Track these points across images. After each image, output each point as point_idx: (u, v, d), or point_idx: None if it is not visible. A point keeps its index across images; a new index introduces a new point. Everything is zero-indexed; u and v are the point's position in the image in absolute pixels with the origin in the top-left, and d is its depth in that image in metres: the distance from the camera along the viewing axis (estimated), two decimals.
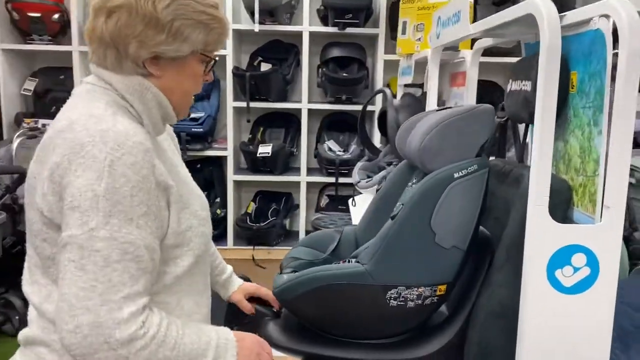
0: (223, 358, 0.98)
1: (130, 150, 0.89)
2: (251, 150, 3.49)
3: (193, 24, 0.97)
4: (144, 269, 0.90)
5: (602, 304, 0.90)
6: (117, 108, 0.97)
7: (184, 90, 1.03)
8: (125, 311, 0.86)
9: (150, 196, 0.91)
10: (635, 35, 0.82)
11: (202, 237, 1.04)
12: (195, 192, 1.10)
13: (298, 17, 3.51)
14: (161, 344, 0.89)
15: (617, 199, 0.87)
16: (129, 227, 0.88)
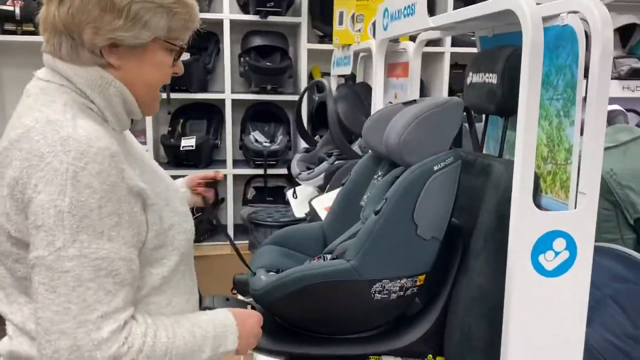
0: (224, 346, 0.96)
1: (95, 158, 0.82)
2: (173, 143, 3.35)
3: (153, 7, 0.90)
4: (121, 282, 0.85)
5: (579, 284, 0.96)
6: (77, 109, 0.89)
7: (147, 82, 0.96)
8: (104, 330, 0.81)
9: (122, 204, 0.85)
10: (607, 30, 0.88)
11: (185, 233, 1.00)
12: (172, 186, 1.05)
13: (217, 5, 3.40)
14: (150, 354, 0.86)
15: (591, 185, 0.93)
16: (99, 242, 0.83)
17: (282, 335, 1.12)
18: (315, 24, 3.47)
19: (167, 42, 0.94)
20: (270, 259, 1.22)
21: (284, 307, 1.08)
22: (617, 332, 1.15)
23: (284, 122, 3.63)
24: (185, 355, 0.90)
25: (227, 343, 0.96)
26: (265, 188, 3.48)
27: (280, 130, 3.59)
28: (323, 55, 3.45)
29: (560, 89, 1.00)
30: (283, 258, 1.24)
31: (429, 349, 1.12)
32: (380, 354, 1.10)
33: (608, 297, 1.19)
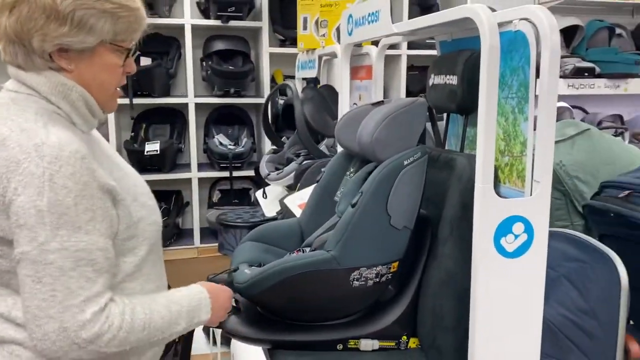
0: (197, 318, 1.07)
1: (68, 161, 0.91)
2: (136, 148, 3.35)
3: (97, 13, 0.97)
4: (100, 270, 0.95)
5: (537, 264, 1.07)
6: (47, 117, 0.97)
7: (99, 84, 1.03)
8: (87, 312, 0.92)
9: (94, 200, 0.95)
10: (555, 34, 0.99)
11: (153, 225, 1.09)
12: (139, 182, 1.13)
13: (178, 10, 3.42)
14: (130, 329, 0.96)
15: (544, 174, 1.03)
16: (78, 235, 0.92)
17: (266, 324, 1.18)
18: (276, 28, 3.53)
19: (114, 45, 1.01)
20: (251, 254, 1.29)
21: (268, 298, 1.14)
22: (571, 308, 1.26)
23: (248, 124, 3.68)
24: (163, 328, 1.01)
25: (200, 315, 1.08)
26: (231, 190, 3.51)
27: (244, 132, 3.64)
28: (284, 59, 3.53)
29: (515, 88, 1.10)
30: (263, 253, 1.30)
31: (403, 331, 1.21)
32: (358, 337, 1.18)
33: (562, 276, 1.31)
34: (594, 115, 4.57)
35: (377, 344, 1.19)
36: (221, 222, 2.61)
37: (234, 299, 1.23)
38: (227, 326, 1.17)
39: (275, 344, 1.16)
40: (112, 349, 0.94)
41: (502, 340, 1.08)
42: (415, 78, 3.81)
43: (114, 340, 0.94)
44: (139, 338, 0.97)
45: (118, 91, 1.09)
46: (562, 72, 4.28)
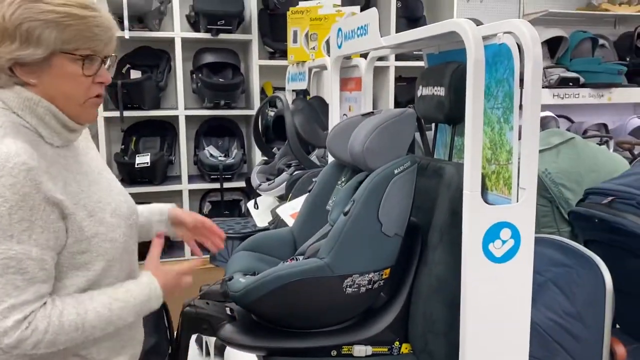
0: (148, 308, 1.11)
1: (10, 172, 0.93)
2: (127, 161, 3.36)
3: (42, 24, 0.98)
4: (31, 279, 0.96)
5: (524, 268, 1.10)
6: (11, 129, 0.99)
7: (63, 95, 1.04)
8: (10, 320, 0.94)
9: (34, 212, 0.96)
10: (537, 46, 1.03)
11: (111, 242, 1.08)
12: (107, 199, 1.11)
13: (167, 23, 3.45)
14: (58, 331, 0.98)
15: (530, 181, 1.07)
16: (8, 244, 0.94)
17: (261, 332, 1.20)
18: (266, 40, 3.57)
19: (68, 54, 1.01)
20: (245, 263, 1.31)
21: (262, 306, 1.16)
22: (558, 311, 1.30)
23: (238, 136, 3.70)
24: (102, 326, 1.03)
25: (151, 305, 1.12)
26: (222, 202, 3.53)
27: (234, 144, 3.66)
28: (274, 71, 3.56)
29: (500, 98, 1.14)
30: (257, 262, 1.32)
31: (395, 337, 1.23)
32: (351, 343, 1.20)
33: (549, 280, 1.35)
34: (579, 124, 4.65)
35: (370, 350, 1.21)
36: None
37: (228, 308, 1.25)
38: (222, 334, 1.19)
39: (270, 351, 1.18)
40: (41, 350, 0.97)
41: (492, 343, 1.11)
42: (403, 89, 3.87)
43: (40, 343, 0.96)
44: (73, 337, 1.00)
45: (94, 101, 1.08)
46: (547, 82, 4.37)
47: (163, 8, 3.35)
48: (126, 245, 1.13)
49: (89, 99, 1.07)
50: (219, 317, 1.22)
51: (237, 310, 1.25)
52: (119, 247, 1.10)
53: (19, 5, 0.98)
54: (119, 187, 1.20)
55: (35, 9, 0.98)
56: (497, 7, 4.68)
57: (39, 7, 0.99)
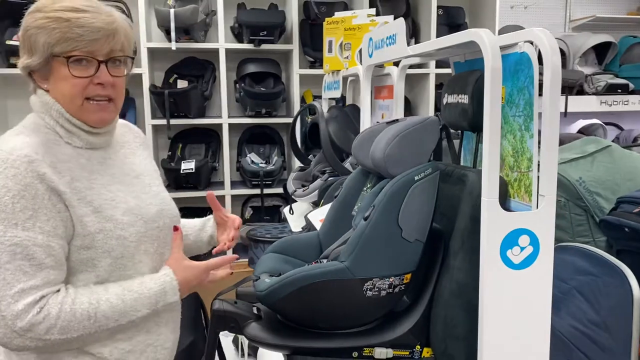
0: (163, 301, 1.14)
1: (12, 164, 1.01)
2: (173, 167, 3.50)
3: (35, 32, 1.07)
4: (39, 265, 1.01)
5: (543, 275, 1.10)
6: (31, 128, 1.10)
7: (64, 95, 1.11)
8: (20, 303, 0.99)
9: (37, 201, 1.01)
10: (555, 55, 1.04)
11: (118, 239, 1.11)
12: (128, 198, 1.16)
13: (212, 35, 3.58)
14: (70, 318, 1.02)
15: (549, 188, 1.08)
16: (14, 231, 0.99)
17: (285, 331, 1.24)
18: (306, 50, 3.65)
19: (57, 56, 1.08)
20: (272, 265, 1.36)
21: (285, 306, 1.20)
22: (583, 320, 1.28)
23: (279, 143, 3.79)
24: (115, 316, 1.07)
25: (167, 299, 1.14)
26: (262, 207, 3.61)
27: (275, 151, 3.74)
28: (314, 80, 3.63)
29: (521, 107, 1.15)
30: (283, 264, 1.37)
31: (416, 341, 1.25)
32: (373, 346, 1.23)
33: (573, 288, 1.33)
34: (628, 132, 4.50)
35: (392, 353, 1.23)
36: (251, 237, 2.70)
37: (256, 308, 1.31)
38: (248, 332, 1.24)
39: (293, 350, 1.22)
40: (55, 336, 1.01)
41: (511, 349, 1.12)
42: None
43: (52, 329, 1.01)
44: (85, 326, 1.03)
45: (94, 103, 1.12)
46: (594, 89, 4.26)
47: (208, 20, 3.48)
48: (142, 245, 1.15)
49: (87, 100, 1.11)
50: (245, 315, 1.27)
51: (264, 310, 1.30)
52: (130, 246, 1.12)
53: (27, 16, 1.09)
54: (155, 192, 1.25)
55: (32, 17, 1.08)
56: (542, 13, 4.59)
57: (36, 15, 1.07)
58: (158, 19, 3.28)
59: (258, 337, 1.23)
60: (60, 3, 1.08)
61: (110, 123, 1.19)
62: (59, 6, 1.07)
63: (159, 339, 1.21)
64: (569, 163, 1.80)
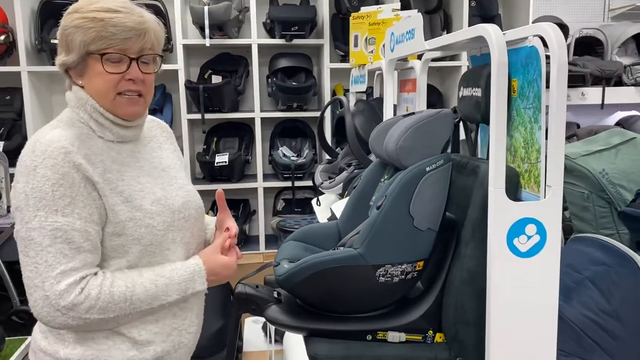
0: (192, 288, 1.21)
1: (51, 155, 1.09)
2: (208, 160, 3.61)
3: (73, 31, 1.15)
4: (77, 249, 1.09)
5: (550, 263, 1.13)
6: (66, 122, 1.19)
7: (98, 91, 1.19)
8: (62, 284, 1.07)
9: (74, 189, 1.10)
10: (562, 50, 1.06)
11: (147, 227, 1.18)
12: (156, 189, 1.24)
13: (245, 30, 3.67)
14: (109, 300, 1.10)
15: (556, 179, 1.10)
16: (54, 217, 1.07)
17: (303, 314, 1.31)
18: (337, 44, 3.70)
19: (93, 54, 1.16)
20: (292, 252, 1.42)
21: (302, 290, 1.27)
22: (595, 309, 1.30)
23: (310, 137, 3.86)
24: (149, 300, 1.15)
25: (195, 286, 1.22)
26: (293, 199, 3.70)
27: (306, 144, 3.81)
28: (345, 74, 3.67)
29: (531, 99, 1.17)
30: (303, 251, 1.44)
31: (429, 326, 1.30)
32: (386, 329, 1.28)
33: (586, 278, 1.35)
34: None
35: (404, 337, 1.28)
36: (280, 227, 2.78)
37: (276, 292, 1.38)
38: (268, 314, 1.31)
39: (310, 332, 1.29)
40: (94, 315, 1.09)
41: (518, 335, 1.15)
42: None
43: (92, 309, 1.09)
44: (122, 308, 1.12)
45: (125, 97, 1.19)
46: (633, 80, 4.14)
47: (241, 17, 3.57)
48: (169, 234, 1.22)
49: (119, 95, 1.19)
50: (266, 299, 1.34)
51: (284, 294, 1.37)
52: (158, 234, 1.20)
53: (64, 16, 1.17)
54: (181, 184, 1.32)
55: (70, 18, 1.16)
56: (579, 3, 4.50)
57: (73, 16, 1.16)
58: (193, 16, 3.39)
59: (277, 319, 1.30)
60: (96, 4, 1.16)
61: (140, 117, 1.26)
62: (94, 7, 1.15)
63: (184, 323, 1.29)
64: (592, 155, 1.80)
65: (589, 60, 4.14)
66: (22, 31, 3.31)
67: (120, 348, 1.17)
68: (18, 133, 3.52)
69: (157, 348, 1.21)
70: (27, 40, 3.37)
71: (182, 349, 1.28)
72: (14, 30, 3.37)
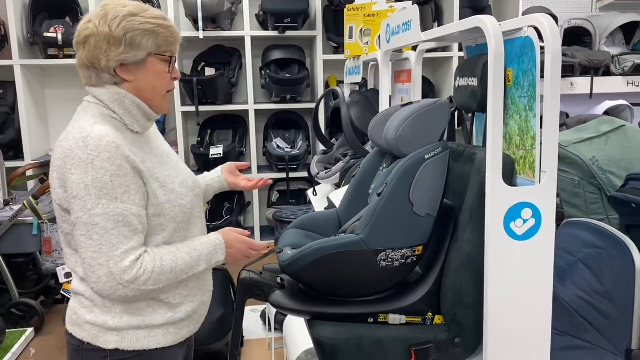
0: (215, 259, 1.36)
1: (105, 148, 1.20)
2: (202, 152, 3.64)
3: (141, 33, 1.26)
4: (135, 230, 1.23)
5: (545, 246, 1.18)
6: (101, 118, 1.27)
7: (153, 88, 1.31)
8: (126, 261, 1.20)
9: (128, 178, 1.22)
10: (556, 40, 1.10)
11: (180, 207, 1.34)
12: (175, 174, 1.38)
13: (238, 22, 3.68)
14: (161, 272, 1.25)
15: (551, 165, 1.15)
16: (115, 204, 1.20)
17: (306, 298, 1.35)
18: (330, 36, 3.73)
19: (159, 55, 1.29)
20: (294, 239, 1.46)
21: (305, 275, 1.31)
22: (587, 290, 1.35)
23: (304, 128, 3.89)
24: (186, 269, 1.30)
25: (217, 257, 1.36)
26: (288, 191, 3.73)
27: (300, 136, 3.85)
28: (338, 65, 3.71)
29: (526, 88, 1.22)
30: (305, 238, 1.47)
31: (428, 309, 1.34)
32: (387, 312, 1.32)
33: (579, 260, 1.40)
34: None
35: (405, 319, 1.33)
36: (277, 218, 2.82)
37: (279, 278, 1.42)
38: (272, 299, 1.35)
39: (313, 315, 1.33)
40: (149, 287, 1.23)
41: (514, 315, 1.20)
42: None
43: (149, 280, 1.22)
44: (169, 278, 1.26)
45: (170, 94, 1.35)
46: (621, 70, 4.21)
47: (234, 9, 3.58)
48: (193, 210, 1.38)
49: (167, 92, 1.35)
50: (270, 284, 1.37)
51: (287, 280, 1.40)
52: (187, 212, 1.35)
53: (123, 18, 1.25)
54: (184, 166, 1.48)
55: (135, 21, 1.26)
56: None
57: (138, 19, 1.26)
58: (186, 9, 3.40)
59: (281, 304, 1.34)
60: (152, 11, 1.30)
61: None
62: (156, 14, 1.29)
63: (205, 284, 1.45)
64: (582, 143, 1.85)
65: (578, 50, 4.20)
66: (14, 25, 3.30)
67: (159, 312, 1.33)
68: (11, 127, 3.52)
69: (187, 307, 1.37)
70: (20, 33, 3.36)
71: (204, 305, 1.45)
72: (6, 23, 3.36)
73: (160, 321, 1.33)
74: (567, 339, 1.34)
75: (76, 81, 1.42)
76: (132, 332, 1.31)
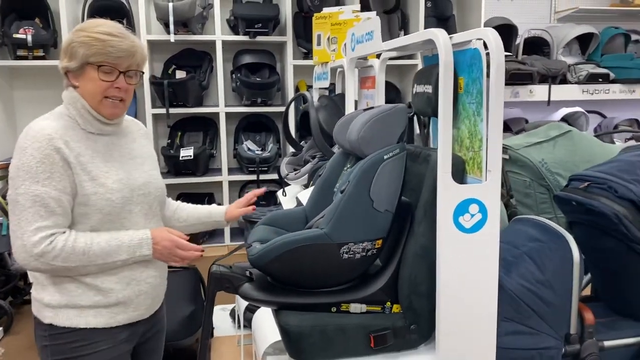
0: (139, 252, 1.47)
1: (38, 139, 1.38)
2: (172, 154, 3.68)
3: (78, 44, 1.44)
4: (51, 212, 1.38)
5: (491, 238, 1.29)
6: (56, 115, 1.46)
7: (90, 93, 1.46)
8: (37, 236, 1.36)
9: (54, 166, 1.38)
10: (500, 53, 1.22)
11: (107, 201, 1.45)
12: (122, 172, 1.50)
13: (209, 27, 3.75)
14: (71, 251, 1.38)
15: (495, 164, 1.27)
16: (36, 186, 1.37)
17: (273, 290, 1.44)
18: (300, 42, 3.82)
19: (91, 64, 1.44)
20: (263, 234, 1.55)
21: (273, 267, 1.39)
22: (530, 280, 1.47)
23: (274, 131, 3.97)
24: (103, 256, 1.42)
25: (142, 250, 1.47)
26: None
27: (270, 139, 3.93)
28: (308, 70, 3.81)
29: (474, 95, 1.34)
30: (273, 234, 1.56)
31: (387, 298, 1.44)
32: (349, 302, 1.42)
33: (524, 253, 1.52)
34: (610, 120, 4.68)
35: (365, 308, 1.43)
36: (247, 219, 2.89)
37: (248, 271, 1.50)
38: (242, 291, 1.43)
39: (280, 305, 1.41)
40: (59, 263, 1.37)
41: (464, 302, 1.32)
42: None
43: (58, 257, 1.37)
44: (81, 259, 1.39)
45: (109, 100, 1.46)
46: (576, 78, 4.44)
47: (205, 13, 3.65)
48: (126, 206, 1.49)
49: (105, 98, 1.46)
50: (239, 277, 1.46)
51: (255, 273, 1.49)
52: (116, 207, 1.46)
53: (73, 32, 1.45)
54: (146, 170, 1.59)
55: (77, 34, 1.44)
56: (528, 5, 4.76)
57: (82, 33, 1.44)
58: (157, 12, 3.45)
59: (250, 295, 1.42)
60: (99, 27, 1.45)
61: (119, 117, 1.54)
62: (98, 29, 1.45)
63: (142, 275, 1.53)
64: (533, 146, 1.99)
65: (537, 59, 4.41)
66: None
67: (87, 294, 1.46)
68: None
69: (118, 295, 1.49)
70: None
71: (142, 295, 1.53)
72: None
73: (87, 302, 1.45)
74: (513, 324, 1.46)
75: (45, 82, 1.58)
76: (64, 310, 1.45)
